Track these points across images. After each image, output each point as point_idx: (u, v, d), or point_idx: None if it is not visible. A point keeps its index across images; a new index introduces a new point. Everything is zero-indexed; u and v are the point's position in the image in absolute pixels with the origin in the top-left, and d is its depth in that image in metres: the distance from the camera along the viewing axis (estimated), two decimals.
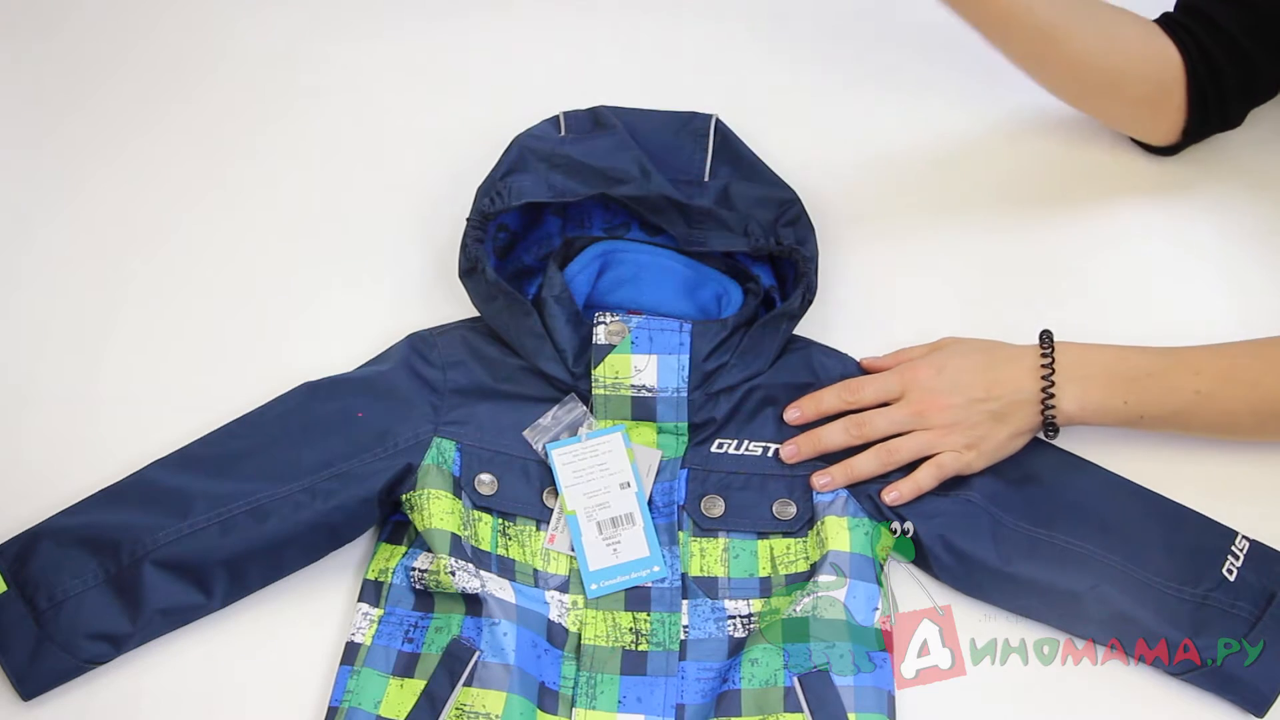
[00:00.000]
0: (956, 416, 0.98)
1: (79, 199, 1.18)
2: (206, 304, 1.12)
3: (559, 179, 1.02)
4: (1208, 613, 0.93)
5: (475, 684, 0.90)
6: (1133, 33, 1.10)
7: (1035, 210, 1.17)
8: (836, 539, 0.96)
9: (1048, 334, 1.00)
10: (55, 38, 1.29)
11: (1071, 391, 0.98)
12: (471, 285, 1.03)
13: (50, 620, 0.92)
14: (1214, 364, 0.97)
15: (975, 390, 0.98)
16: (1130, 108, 1.14)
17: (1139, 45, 1.10)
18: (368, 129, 1.23)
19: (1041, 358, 0.99)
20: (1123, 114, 1.16)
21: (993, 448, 0.98)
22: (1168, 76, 1.10)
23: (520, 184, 1.02)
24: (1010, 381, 0.98)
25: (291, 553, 0.96)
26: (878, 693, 0.92)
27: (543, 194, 1.01)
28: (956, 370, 1.00)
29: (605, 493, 0.99)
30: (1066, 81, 1.13)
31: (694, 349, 1.00)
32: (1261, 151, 1.19)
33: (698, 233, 1.04)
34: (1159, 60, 1.10)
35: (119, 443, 1.02)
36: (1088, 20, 1.09)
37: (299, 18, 1.31)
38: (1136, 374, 0.98)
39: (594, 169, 1.03)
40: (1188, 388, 0.97)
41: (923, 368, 1.00)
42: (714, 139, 1.07)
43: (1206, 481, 1.01)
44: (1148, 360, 0.99)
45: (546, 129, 1.08)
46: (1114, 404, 0.98)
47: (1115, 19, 1.10)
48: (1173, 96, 1.11)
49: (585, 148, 1.05)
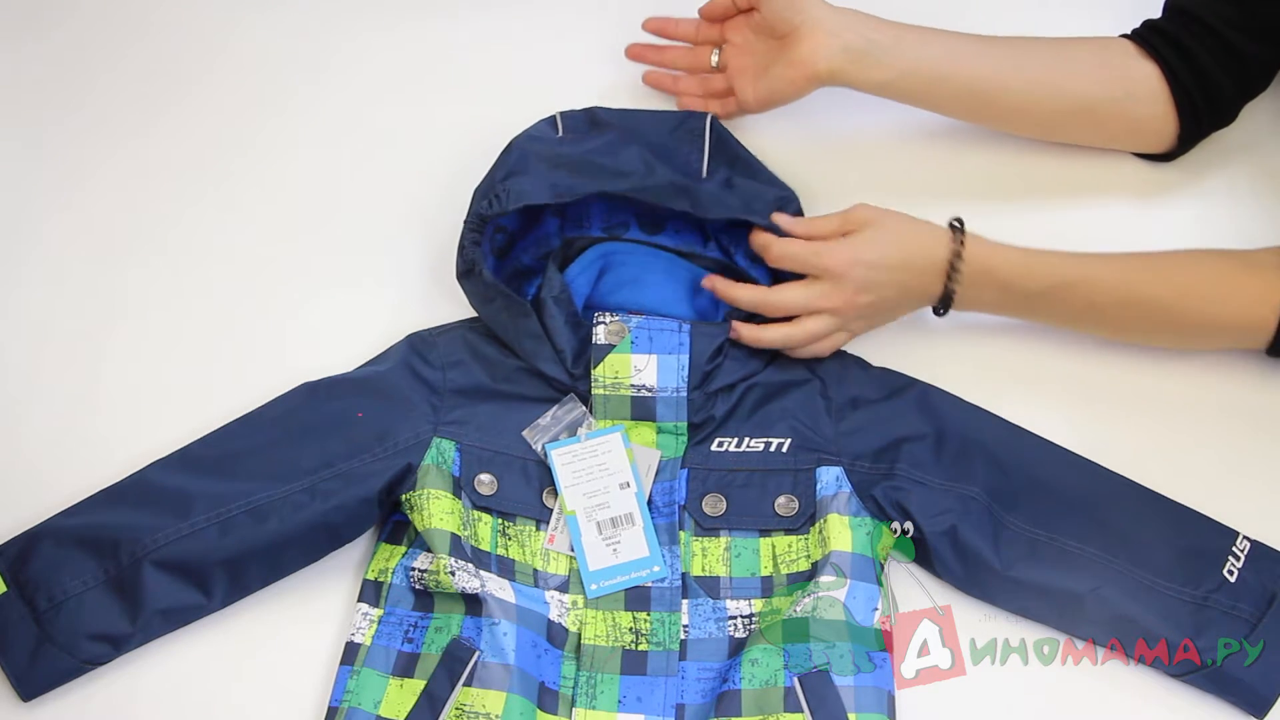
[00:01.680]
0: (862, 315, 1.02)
1: (79, 198, 1.18)
2: (206, 304, 1.12)
3: (562, 177, 1.02)
4: (1208, 614, 0.93)
5: (475, 684, 0.90)
6: (1098, 69, 1.10)
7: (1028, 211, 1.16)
8: (839, 539, 0.96)
9: (960, 228, 1.02)
10: (55, 37, 1.29)
11: (968, 293, 1.02)
12: (469, 287, 1.03)
13: (50, 621, 0.92)
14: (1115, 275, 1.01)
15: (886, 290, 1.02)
16: (1114, 136, 1.15)
17: (1105, 78, 1.10)
18: (367, 129, 1.23)
19: (953, 257, 1.01)
20: (1109, 142, 1.16)
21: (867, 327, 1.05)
22: (1144, 99, 1.10)
23: (520, 186, 1.01)
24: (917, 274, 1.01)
25: (291, 553, 0.96)
26: (878, 693, 0.92)
27: (544, 195, 1.01)
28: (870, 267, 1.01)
29: (605, 493, 0.99)
30: (1042, 134, 1.16)
31: (694, 349, 1.00)
32: (1254, 149, 1.19)
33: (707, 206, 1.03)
34: (1131, 88, 1.10)
35: (119, 443, 1.02)
36: (1048, 77, 1.10)
37: (298, 17, 1.30)
38: (1032, 289, 1.02)
39: (596, 165, 1.03)
40: (1083, 302, 1.02)
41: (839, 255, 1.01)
42: (710, 138, 1.07)
43: (1207, 481, 1.01)
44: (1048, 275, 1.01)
45: (543, 129, 1.08)
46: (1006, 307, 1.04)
47: (1076, 62, 1.10)
48: (1155, 115, 1.11)
49: (586, 146, 1.05)
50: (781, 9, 1.08)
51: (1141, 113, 1.12)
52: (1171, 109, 1.11)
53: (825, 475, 0.99)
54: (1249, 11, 1.07)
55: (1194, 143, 1.15)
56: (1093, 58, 1.11)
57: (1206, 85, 1.10)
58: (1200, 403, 1.06)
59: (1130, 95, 1.11)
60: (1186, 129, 1.12)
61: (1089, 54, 1.11)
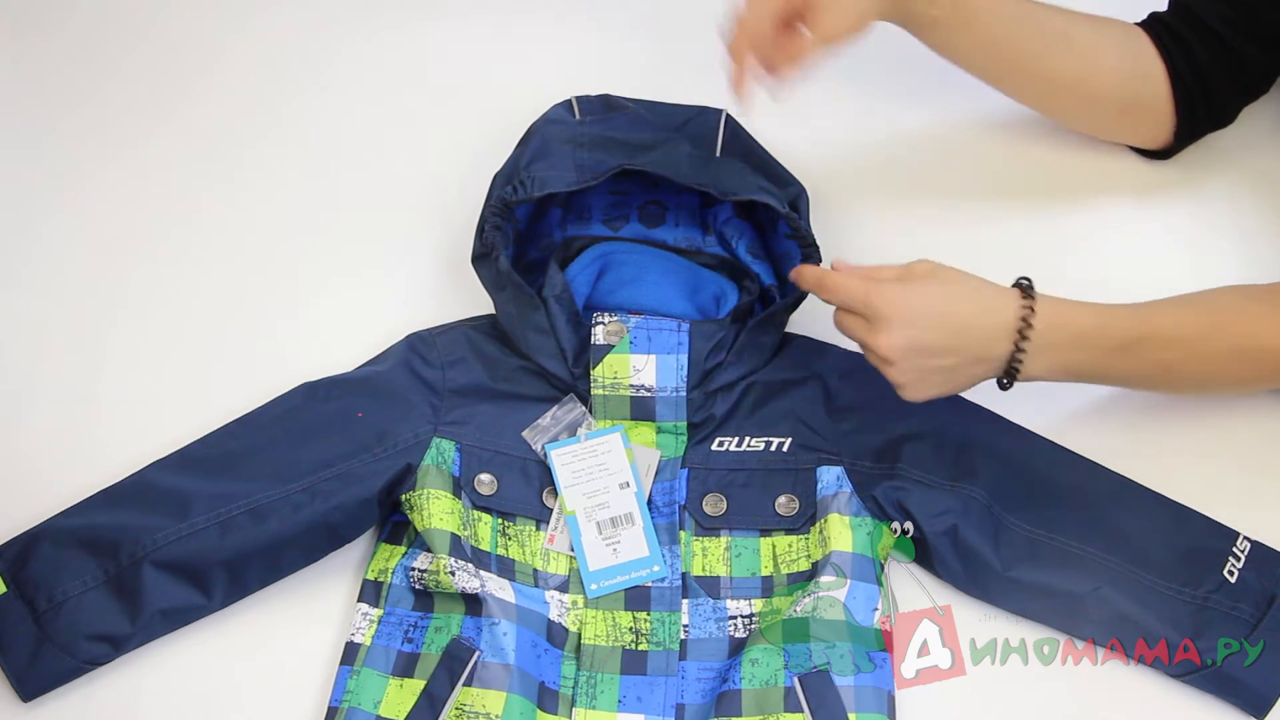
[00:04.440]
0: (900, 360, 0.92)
1: (80, 198, 1.18)
2: (206, 305, 1.12)
3: (585, 155, 1.02)
4: (1208, 614, 0.93)
5: (475, 684, 0.90)
6: (1112, 50, 1.10)
7: (1028, 210, 1.17)
8: (839, 539, 0.96)
9: (1029, 289, 0.94)
10: (56, 37, 1.29)
11: (1041, 360, 0.94)
12: (483, 271, 1.03)
13: (50, 621, 0.92)
14: (1185, 334, 0.96)
15: (932, 342, 0.92)
16: (1113, 121, 1.15)
17: (1117, 61, 1.10)
18: (367, 131, 1.23)
19: (1020, 322, 0.92)
20: (1107, 127, 1.16)
21: (922, 395, 0.95)
22: (1149, 88, 1.10)
23: (544, 173, 1.01)
24: (980, 339, 0.93)
25: (291, 553, 0.96)
26: (878, 693, 0.92)
27: (569, 178, 1.00)
28: (924, 313, 0.92)
29: (605, 493, 0.99)
30: (1045, 104, 1.15)
31: (693, 348, 1.00)
32: (1251, 149, 1.18)
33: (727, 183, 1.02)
34: (1139, 73, 1.10)
35: (119, 443, 1.02)
36: (1065, 44, 1.09)
37: (299, 16, 1.30)
38: (1110, 345, 0.95)
39: (619, 141, 1.02)
40: (1156, 361, 0.96)
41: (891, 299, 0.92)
42: (724, 132, 1.07)
43: (1207, 481, 1.01)
44: (1122, 328, 0.95)
45: (560, 113, 1.07)
46: (1080, 371, 0.96)
47: (1095, 37, 1.10)
48: (1156, 106, 1.11)
49: (607, 124, 1.05)
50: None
51: (1144, 104, 1.11)
52: (1171, 105, 1.11)
53: (826, 475, 0.99)
54: (1250, 15, 1.07)
55: (1190, 140, 1.15)
56: (1117, 46, 1.10)
57: (1206, 84, 1.09)
58: (1201, 402, 1.06)
59: (1138, 85, 1.10)
60: (1183, 126, 1.12)
61: (1116, 41, 1.11)
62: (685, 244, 1.10)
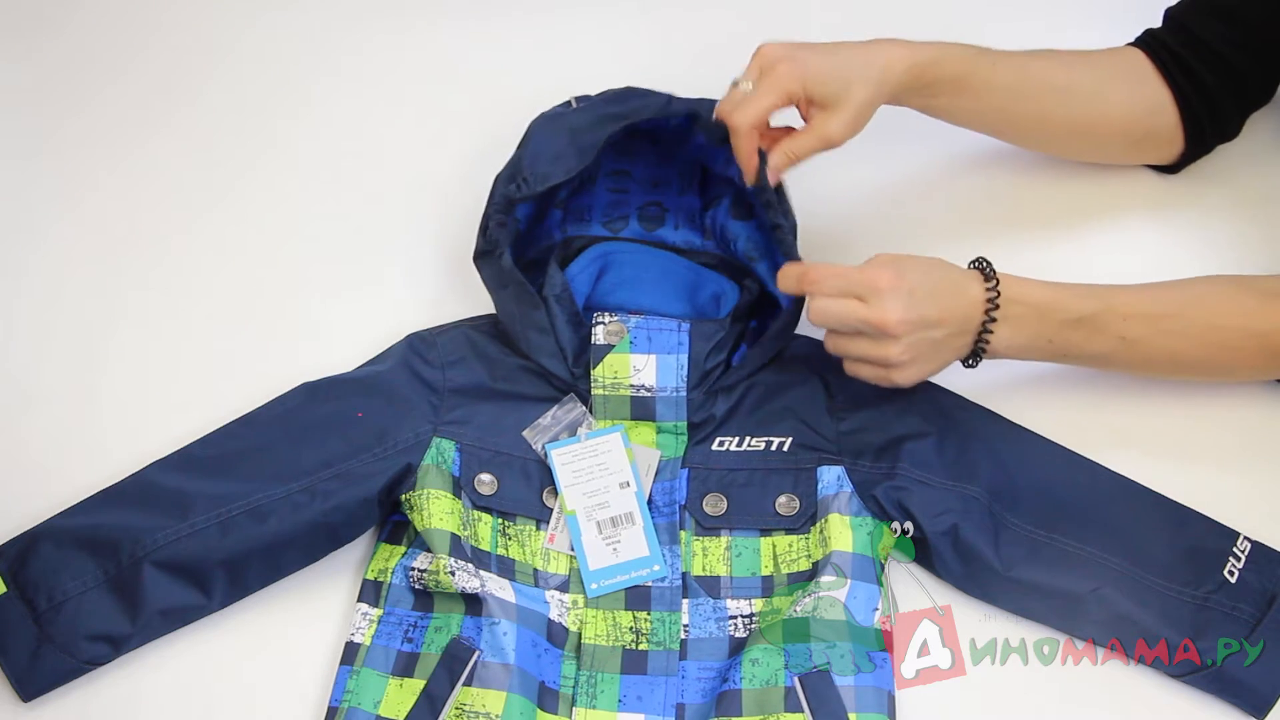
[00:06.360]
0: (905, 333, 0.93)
1: (81, 199, 1.19)
2: (206, 305, 1.12)
3: (580, 135, 1.01)
4: (1209, 614, 0.93)
5: (475, 684, 0.90)
6: (1119, 88, 1.10)
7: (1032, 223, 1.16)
8: (839, 539, 0.96)
9: (988, 265, 0.97)
10: (58, 40, 1.29)
11: (1004, 330, 0.96)
12: (485, 269, 1.03)
13: (50, 621, 0.92)
14: (1143, 310, 0.98)
15: (929, 313, 0.94)
16: (1125, 153, 1.15)
17: (1125, 97, 1.10)
18: (368, 133, 1.23)
19: (986, 291, 0.96)
20: (1119, 157, 1.17)
21: (916, 375, 0.97)
22: (1159, 119, 1.11)
23: (546, 168, 1.00)
24: (958, 311, 0.95)
25: (291, 553, 0.96)
26: (878, 693, 0.92)
27: (569, 165, 1.00)
28: (916, 286, 0.94)
29: (605, 492, 0.99)
30: (1058, 150, 1.16)
31: (693, 348, 1.00)
32: (1257, 162, 1.18)
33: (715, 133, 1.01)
34: (1148, 107, 1.10)
35: (119, 443, 1.03)
36: (1070, 96, 1.09)
37: (301, 19, 1.31)
38: (1067, 318, 0.97)
39: (612, 112, 1.01)
40: (1114, 334, 0.97)
41: (884, 275, 0.94)
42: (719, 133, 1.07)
43: (1207, 481, 1.01)
44: (1079, 303, 0.97)
45: (558, 110, 1.07)
46: (1039, 344, 0.98)
47: (1098, 80, 1.10)
48: (1166, 133, 1.12)
49: (599, 105, 1.04)
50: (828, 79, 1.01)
51: (1155, 134, 1.12)
52: (1180, 130, 1.11)
53: (826, 475, 0.99)
54: (1249, 32, 1.08)
55: (1198, 156, 1.16)
56: (1120, 74, 1.10)
57: (1212, 106, 1.10)
58: (1201, 402, 1.06)
59: (1148, 118, 1.11)
60: (1192, 146, 1.13)
61: (1116, 71, 1.10)
62: (684, 244, 1.10)
